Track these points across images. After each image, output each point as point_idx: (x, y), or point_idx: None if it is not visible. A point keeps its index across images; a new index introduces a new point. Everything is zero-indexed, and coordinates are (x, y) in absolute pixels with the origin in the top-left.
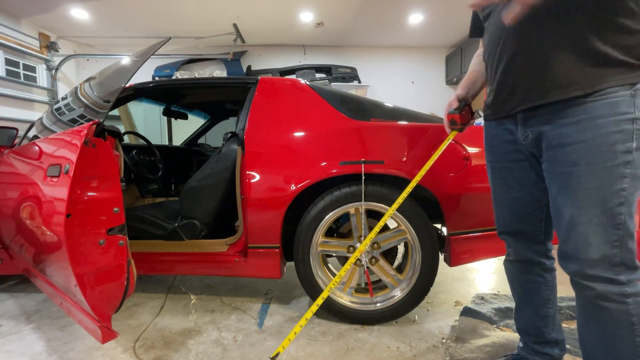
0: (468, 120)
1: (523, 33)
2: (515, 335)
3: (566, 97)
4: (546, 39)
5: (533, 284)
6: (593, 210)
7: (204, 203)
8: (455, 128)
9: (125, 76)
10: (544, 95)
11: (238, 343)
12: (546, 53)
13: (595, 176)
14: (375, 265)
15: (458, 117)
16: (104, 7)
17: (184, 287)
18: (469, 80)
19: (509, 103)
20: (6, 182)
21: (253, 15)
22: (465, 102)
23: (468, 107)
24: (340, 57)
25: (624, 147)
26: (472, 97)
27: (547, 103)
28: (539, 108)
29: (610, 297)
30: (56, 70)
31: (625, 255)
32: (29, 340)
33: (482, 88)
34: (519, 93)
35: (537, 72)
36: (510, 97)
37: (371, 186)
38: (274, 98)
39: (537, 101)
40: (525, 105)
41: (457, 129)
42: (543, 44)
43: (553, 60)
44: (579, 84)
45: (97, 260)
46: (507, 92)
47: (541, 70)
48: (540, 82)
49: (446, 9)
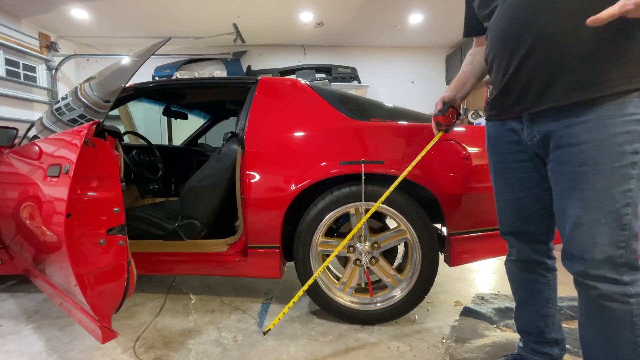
0: (452, 122)
1: (538, 32)
2: (515, 335)
3: (584, 99)
4: (564, 39)
5: (535, 284)
6: (600, 210)
7: (204, 203)
8: (440, 129)
9: (125, 76)
10: (560, 97)
11: (238, 343)
12: (564, 53)
13: (602, 177)
14: (375, 265)
15: (442, 118)
16: (104, 7)
17: (184, 287)
18: (459, 81)
19: (520, 104)
20: (6, 182)
21: (253, 15)
22: (450, 104)
23: (453, 108)
24: (340, 57)
25: (632, 147)
26: (461, 99)
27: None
28: (548, 108)
29: (614, 297)
30: (56, 70)
31: (630, 255)
32: (29, 340)
33: (470, 90)
34: (533, 94)
35: (553, 72)
36: (522, 98)
37: (371, 186)
38: (274, 98)
39: (552, 103)
40: (540, 107)
41: (443, 130)
42: (561, 44)
43: (571, 61)
44: (598, 86)
45: (97, 260)
46: (517, 93)
47: (558, 71)
48: (557, 83)
49: (446, 9)
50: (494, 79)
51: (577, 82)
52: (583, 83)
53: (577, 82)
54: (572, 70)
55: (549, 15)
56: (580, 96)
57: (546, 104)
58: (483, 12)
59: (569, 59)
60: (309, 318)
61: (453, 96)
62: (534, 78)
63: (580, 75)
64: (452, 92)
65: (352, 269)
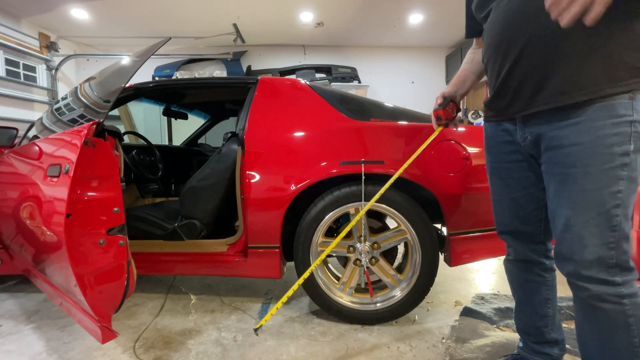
0: (452, 116)
1: (528, 36)
2: (515, 335)
3: (572, 103)
4: (553, 43)
5: (533, 284)
6: (589, 212)
7: (204, 203)
8: (440, 123)
9: (125, 76)
10: (549, 100)
11: (238, 343)
12: (553, 57)
13: (591, 178)
14: (375, 265)
15: (442, 112)
16: (104, 7)
17: (184, 287)
18: (458, 78)
19: (511, 107)
20: (6, 182)
21: (253, 15)
22: (450, 99)
23: (453, 103)
24: (340, 57)
25: (621, 149)
26: (461, 97)
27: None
28: (538, 111)
29: (606, 298)
30: (56, 70)
31: (621, 257)
32: (29, 340)
33: (470, 87)
34: (523, 97)
35: (542, 76)
36: (513, 101)
37: (371, 186)
38: (274, 98)
39: (541, 106)
40: (530, 110)
41: (442, 125)
42: (550, 48)
43: (559, 65)
44: (585, 89)
45: (97, 260)
46: (509, 96)
47: (547, 75)
48: (546, 86)
49: (446, 9)
50: (489, 81)
51: (566, 85)
52: (572, 86)
53: (566, 86)
54: (561, 74)
55: (539, 20)
56: (569, 99)
57: (536, 107)
58: (479, 15)
59: (558, 63)
60: (309, 318)
61: (453, 92)
62: (524, 81)
63: (569, 78)
64: (453, 89)
65: (352, 269)
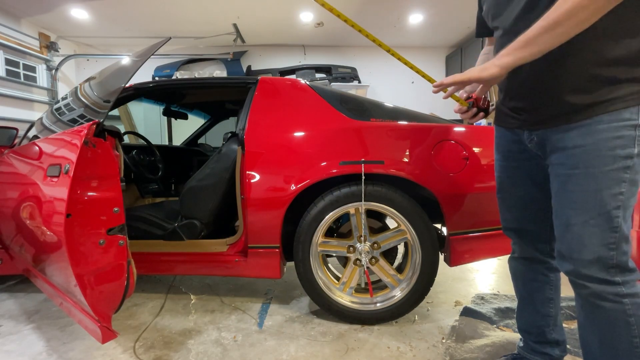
0: (485, 107)
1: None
2: (515, 335)
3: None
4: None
5: (536, 283)
6: (589, 212)
7: (204, 203)
8: (470, 105)
9: (125, 76)
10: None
11: (238, 343)
12: (556, 67)
13: (593, 179)
14: (375, 265)
15: (480, 99)
16: (104, 7)
17: (184, 287)
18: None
19: (517, 123)
20: (6, 182)
21: (253, 15)
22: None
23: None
24: (340, 57)
25: (624, 152)
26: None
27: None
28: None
29: (606, 297)
30: (56, 70)
31: (621, 257)
32: (29, 340)
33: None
34: (529, 105)
35: (547, 85)
36: (520, 109)
37: (371, 186)
38: (274, 98)
39: (546, 113)
40: (535, 117)
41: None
42: (553, 58)
43: (563, 74)
44: (590, 94)
45: (97, 260)
46: (516, 103)
47: (551, 83)
48: (551, 95)
49: (446, 9)
50: (498, 86)
51: (571, 105)
52: (577, 96)
53: (572, 106)
54: (566, 82)
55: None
56: (575, 107)
57: (542, 114)
58: (492, 24)
59: (563, 71)
60: (309, 318)
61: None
62: (530, 89)
63: (576, 87)
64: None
65: (352, 269)
